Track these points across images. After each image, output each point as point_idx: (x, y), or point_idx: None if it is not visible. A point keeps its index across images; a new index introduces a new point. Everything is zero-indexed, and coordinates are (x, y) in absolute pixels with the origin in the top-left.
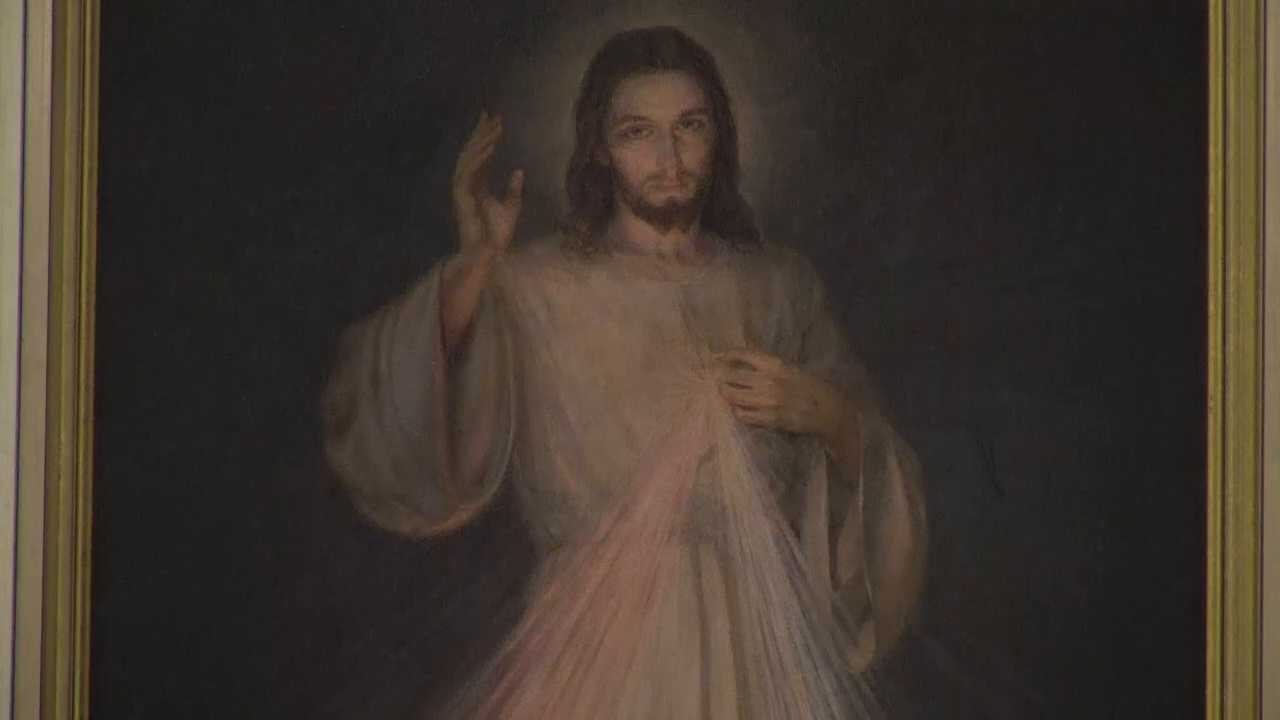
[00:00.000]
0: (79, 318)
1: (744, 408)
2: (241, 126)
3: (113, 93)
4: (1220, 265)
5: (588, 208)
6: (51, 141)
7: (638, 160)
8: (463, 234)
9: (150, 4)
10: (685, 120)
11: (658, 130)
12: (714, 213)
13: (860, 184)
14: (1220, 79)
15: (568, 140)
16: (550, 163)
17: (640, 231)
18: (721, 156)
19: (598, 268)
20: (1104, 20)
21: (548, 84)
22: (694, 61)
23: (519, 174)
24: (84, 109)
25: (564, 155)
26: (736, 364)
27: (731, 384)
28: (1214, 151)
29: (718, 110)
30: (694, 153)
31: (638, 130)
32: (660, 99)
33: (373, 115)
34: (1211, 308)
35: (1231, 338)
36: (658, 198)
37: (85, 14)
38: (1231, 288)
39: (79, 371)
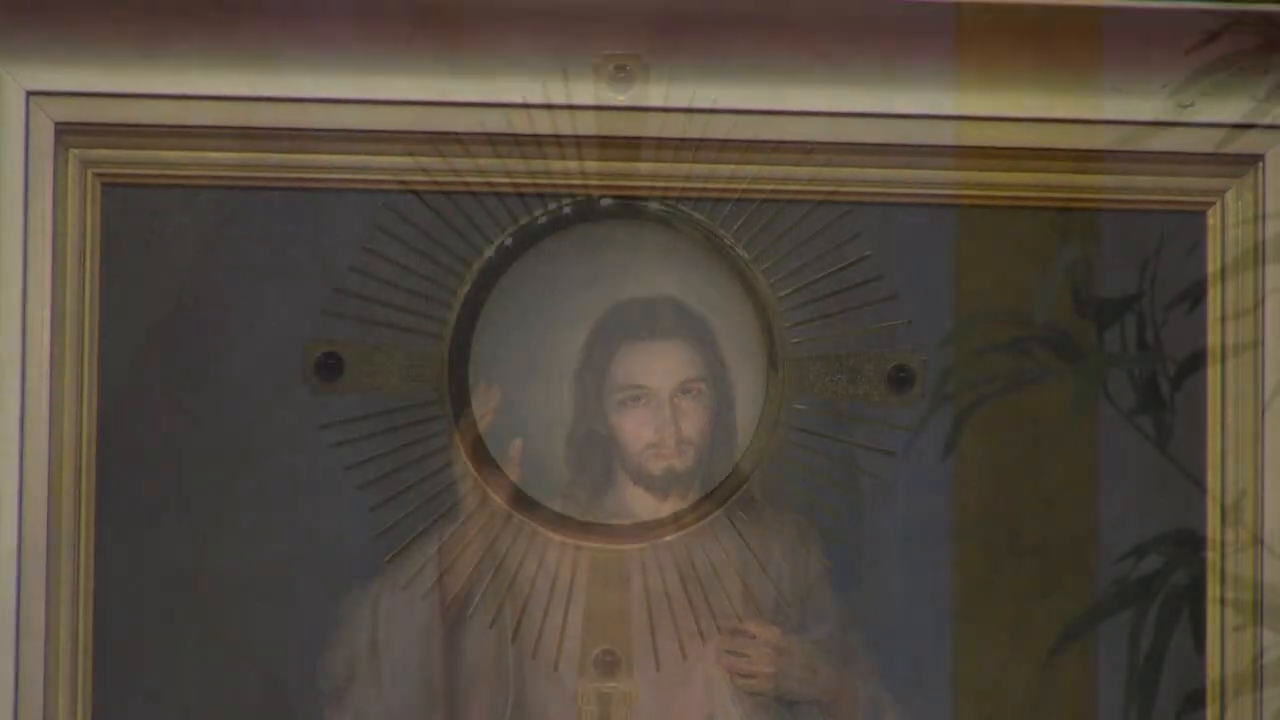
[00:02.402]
0: (77, 587)
1: (742, 676)
2: None
3: (111, 360)
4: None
5: (586, 476)
6: (50, 409)
7: (636, 428)
8: (462, 502)
9: (147, 265)
10: (684, 388)
11: (656, 399)
12: (712, 480)
13: (859, 451)
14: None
15: (566, 408)
16: (549, 431)
17: (638, 499)
18: (720, 424)
19: (596, 535)
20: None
21: (546, 352)
22: (692, 329)
23: (517, 442)
24: (82, 378)
25: (562, 423)
26: (735, 632)
27: (730, 652)
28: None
29: (716, 378)
30: (693, 421)
31: (636, 398)
32: (659, 367)
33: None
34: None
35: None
36: (656, 466)
37: (85, 280)
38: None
39: (77, 640)
